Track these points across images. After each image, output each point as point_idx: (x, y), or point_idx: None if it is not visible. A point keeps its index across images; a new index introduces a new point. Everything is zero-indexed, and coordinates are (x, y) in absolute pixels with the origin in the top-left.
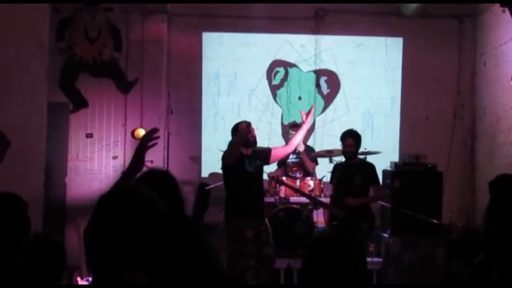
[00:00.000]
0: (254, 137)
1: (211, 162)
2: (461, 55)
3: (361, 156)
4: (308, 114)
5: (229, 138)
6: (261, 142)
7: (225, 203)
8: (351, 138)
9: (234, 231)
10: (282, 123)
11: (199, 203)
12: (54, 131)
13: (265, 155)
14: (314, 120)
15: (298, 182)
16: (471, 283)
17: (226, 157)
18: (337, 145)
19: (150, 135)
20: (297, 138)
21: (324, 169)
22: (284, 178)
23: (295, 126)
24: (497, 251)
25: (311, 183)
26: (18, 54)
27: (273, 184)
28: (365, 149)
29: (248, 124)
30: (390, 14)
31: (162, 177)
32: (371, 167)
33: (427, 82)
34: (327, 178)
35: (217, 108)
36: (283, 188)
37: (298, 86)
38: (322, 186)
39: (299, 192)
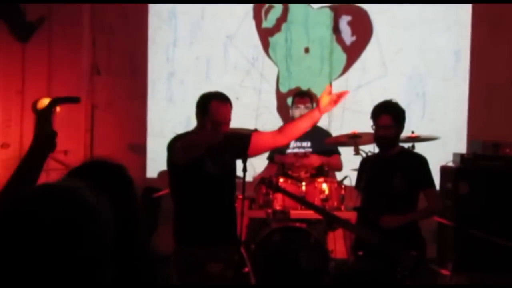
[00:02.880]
0: (226, 121)
1: (163, 153)
2: None
3: (406, 145)
4: (340, 96)
5: (192, 115)
6: (244, 123)
7: (173, 221)
8: (387, 116)
9: (188, 265)
10: (278, 89)
11: (144, 218)
12: None
13: (241, 144)
14: (330, 85)
15: (303, 187)
16: None
17: (177, 153)
18: (367, 126)
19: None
20: (301, 126)
21: (345, 165)
22: (281, 180)
23: (302, 96)
24: None
25: (325, 187)
26: None
27: (263, 190)
28: (412, 132)
29: (216, 126)
30: None
31: (110, 175)
32: (421, 162)
33: None
34: (351, 180)
35: (172, 66)
36: (279, 196)
37: (304, 31)
38: (342, 192)
39: (304, 203)
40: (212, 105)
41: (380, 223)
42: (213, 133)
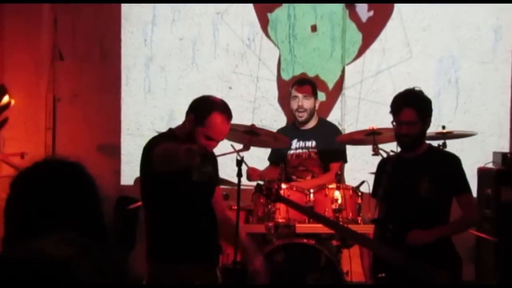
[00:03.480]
0: (221, 140)
1: (140, 156)
2: None
3: (435, 142)
4: None
5: (175, 108)
6: (239, 117)
7: (149, 236)
8: (410, 110)
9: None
10: (279, 76)
11: (117, 234)
12: None
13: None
14: (343, 72)
15: (311, 195)
16: None
17: (156, 161)
18: (387, 120)
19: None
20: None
21: (363, 168)
22: (284, 186)
23: (301, 84)
24: None
25: (338, 195)
26: None
27: (262, 199)
28: (443, 128)
29: (207, 140)
30: None
31: (64, 178)
32: (453, 163)
33: None
34: (370, 187)
35: (150, 50)
36: (282, 207)
37: (310, 5)
38: (359, 201)
39: (312, 215)
40: (213, 117)
41: (406, 240)
42: (191, 155)
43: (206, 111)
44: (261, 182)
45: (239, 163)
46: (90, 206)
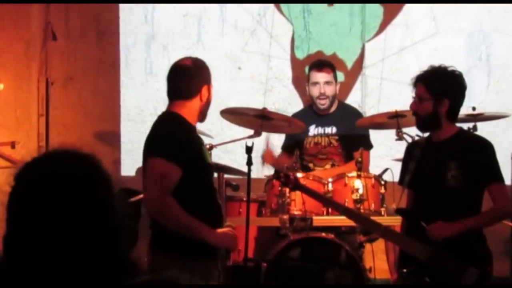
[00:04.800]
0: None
1: (142, 143)
2: None
3: (465, 125)
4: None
5: None
6: (249, 100)
7: (157, 230)
8: (421, 84)
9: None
10: (293, 55)
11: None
12: None
13: None
14: (362, 49)
15: (330, 185)
16: None
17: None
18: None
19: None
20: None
21: (386, 154)
22: (299, 175)
23: (320, 67)
24: None
25: (359, 184)
26: None
27: (277, 189)
28: (473, 109)
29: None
30: None
31: (76, 172)
32: (484, 148)
33: None
34: (394, 175)
35: (152, 28)
36: (297, 197)
37: None
38: (382, 191)
39: (331, 205)
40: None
41: (427, 233)
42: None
43: (208, 70)
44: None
45: (249, 150)
46: (103, 203)
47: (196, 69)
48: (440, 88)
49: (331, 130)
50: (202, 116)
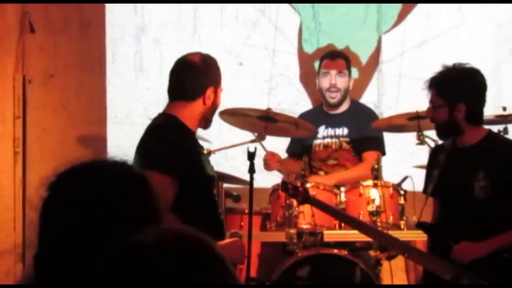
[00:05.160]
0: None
1: (132, 148)
2: None
3: (495, 128)
4: None
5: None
6: (252, 99)
7: None
8: (433, 89)
9: None
10: (300, 49)
11: None
12: None
13: None
14: (379, 42)
15: (342, 195)
16: None
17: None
18: None
19: None
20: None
21: (406, 160)
22: (308, 184)
23: (333, 57)
24: None
25: (375, 194)
26: None
27: (283, 198)
28: (504, 109)
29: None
30: None
31: (119, 180)
32: None
33: None
34: (415, 184)
35: (142, 19)
36: (306, 209)
37: None
38: (402, 201)
39: (344, 218)
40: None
41: (452, 254)
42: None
43: (218, 70)
44: (286, 180)
45: (251, 155)
46: (146, 217)
47: (203, 67)
48: (452, 93)
49: (342, 131)
50: (205, 122)
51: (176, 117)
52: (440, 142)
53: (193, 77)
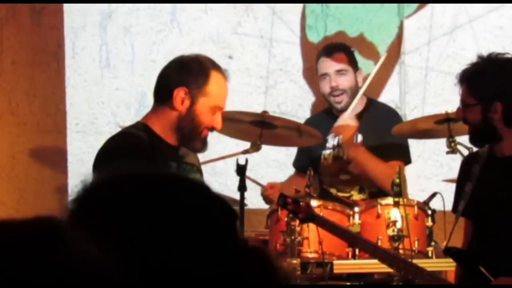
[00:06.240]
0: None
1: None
2: None
3: None
4: None
5: (148, 90)
6: (245, 101)
7: None
8: (464, 85)
9: None
10: (304, 38)
11: None
12: None
13: None
14: (400, 29)
15: (357, 216)
16: None
17: None
18: None
19: None
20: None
21: (431, 174)
22: (314, 203)
23: (330, 52)
24: None
25: (397, 214)
26: None
27: (284, 221)
28: None
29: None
30: None
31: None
32: None
33: None
34: (446, 201)
35: (109, 5)
36: (311, 234)
37: None
38: (429, 223)
39: (359, 244)
40: (213, 77)
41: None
42: None
43: (202, 72)
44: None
45: (241, 169)
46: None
47: (179, 62)
48: (486, 89)
49: (355, 139)
50: (181, 135)
51: (145, 124)
52: (475, 149)
53: (162, 73)
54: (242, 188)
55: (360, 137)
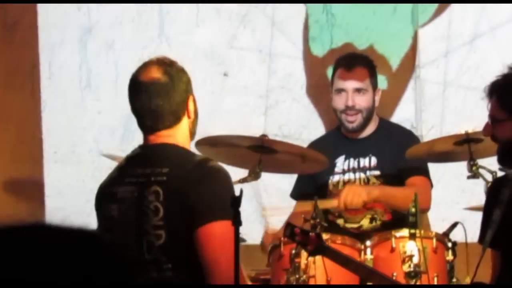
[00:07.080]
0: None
1: (79, 195)
2: None
3: None
4: None
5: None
6: (243, 121)
7: None
8: (493, 99)
9: None
10: (307, 51)
11: None
12: None
13: None
14: (415, 39)
15: (369, 250)
16: None
17: None
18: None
19: None
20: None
21: (452, 202)
22: (323, 236)
23: (349, 65)
24: None
25: (413, 248)
26: None
27: (287, 258)
28: None
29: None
30: None
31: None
32: None
33: None
34: (469, 232)
35: (88, 17)
36: (318, 272)
37: None
38: (450, 256)
39: (374, 277)
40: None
41: None
42: None
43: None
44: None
45: (236, 202)
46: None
47: (182, 70)
48: None
49: (368, 162)
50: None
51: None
52: (499, 174)
53: (177, 89)
54: (237, 222)
55: (374, 160)
